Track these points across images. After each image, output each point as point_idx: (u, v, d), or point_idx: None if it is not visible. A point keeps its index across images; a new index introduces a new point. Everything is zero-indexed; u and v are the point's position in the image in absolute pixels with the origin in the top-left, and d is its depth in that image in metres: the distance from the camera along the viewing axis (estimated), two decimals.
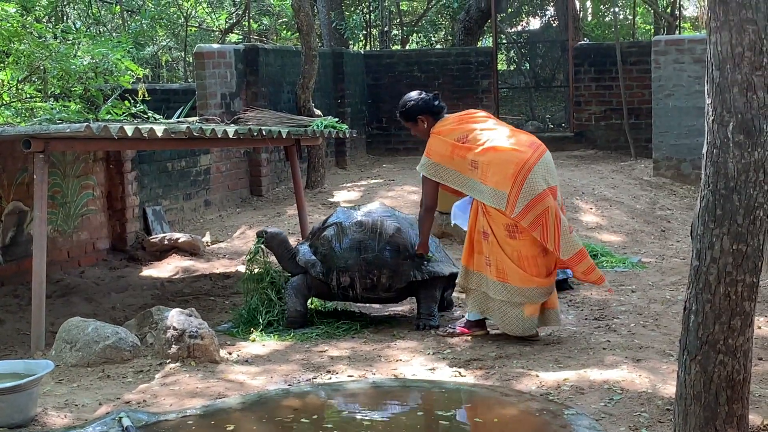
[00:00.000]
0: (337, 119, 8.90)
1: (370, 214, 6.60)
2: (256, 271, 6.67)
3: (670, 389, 4.64)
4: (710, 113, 3.68)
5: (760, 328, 5.90)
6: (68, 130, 5.98)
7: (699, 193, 3.76)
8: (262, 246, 6.68)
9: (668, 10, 19.96)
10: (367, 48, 20.10)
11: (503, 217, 5.75)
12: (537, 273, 5.79)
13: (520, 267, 5.77)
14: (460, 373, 5.31)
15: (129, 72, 9.58)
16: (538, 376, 5.16)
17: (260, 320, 6.40)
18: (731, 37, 3.59)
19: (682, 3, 20.98)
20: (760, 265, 3.71)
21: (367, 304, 6.92)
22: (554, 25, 17.08)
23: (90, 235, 8.67)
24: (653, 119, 12.53)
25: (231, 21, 19.23)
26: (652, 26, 22.39)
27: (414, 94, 6.30)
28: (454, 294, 7.03)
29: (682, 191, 11.88)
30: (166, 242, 8.95)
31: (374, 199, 10.00)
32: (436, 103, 6.25)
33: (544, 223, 5.72)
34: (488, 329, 6.12)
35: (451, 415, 4.83)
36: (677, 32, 19.47)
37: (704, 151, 3.72)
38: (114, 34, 15.17)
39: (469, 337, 6.04)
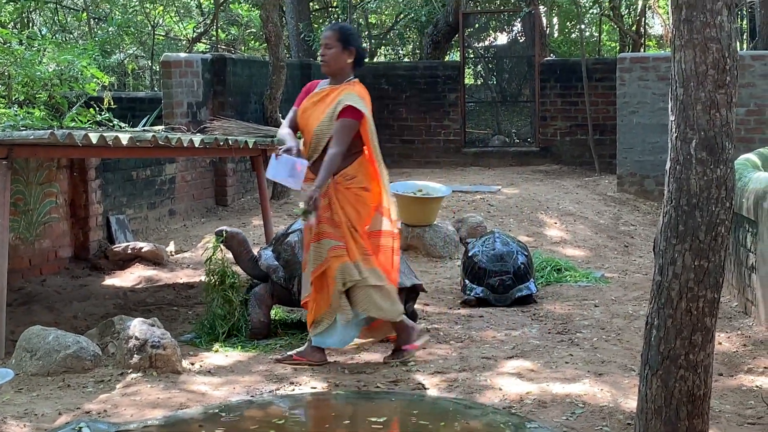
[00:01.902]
0: None
1: None
2: (215, 272, 6.60)
3: (631, 403, 4.67)
4: (674, 130, 3.72)
5: (720, 343, 5.95)
6: (32, 137, 5.92)
7: (662, 209, 3.80)
8: (222, 246, 6.64)
9: (634, 28, 20.15)
10: None
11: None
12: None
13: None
14: (423, 385, 5.31)
15: (95, 79, 9.53)
16: (501, 389, 5.17)
17: (224, 327, 6.36)
18: (695, 56, 3.64)
19: (647, 21, 21.20)
20: (721, 281, 3.75)
21: None
22: (521, 40, 17.19)
23: (52, 243, 8.59)
24: (618, 135, 12.64)
25: (199, 30, 19.18)
26: (617, 44, 22.57)
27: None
28: (417, 306, 7.03)
29: (646, 207, 11.98)
30: (129, 251, 8.88)
31: None
32: (365, 59, 6.02)
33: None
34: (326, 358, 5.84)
35: (413, 427, 4.82)
36: (642, 50, 19.67)
37: (667, 167, 3.76)
38: (80, 42, 15.07)
39: (423, 350, 6.02)
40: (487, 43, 18.24)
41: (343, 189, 5.65)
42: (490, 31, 18.30)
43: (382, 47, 22.05)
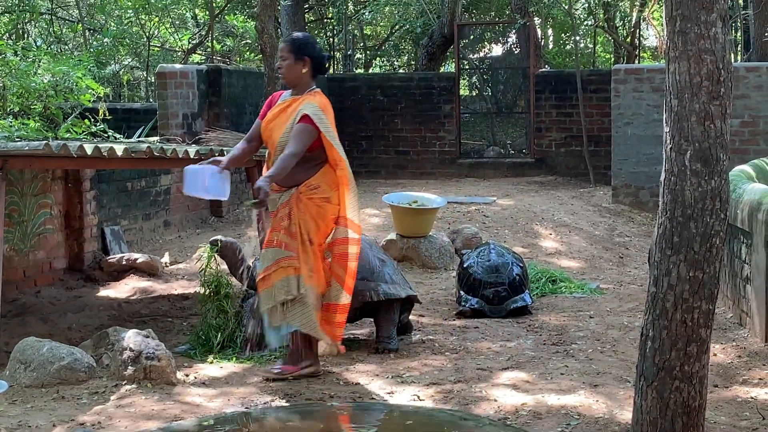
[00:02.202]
0: None
1: None
2: (209, 282, 6.59)
3: (626, 415, 4.66)
4: (668, 141, 3.72)
5: (715, 355, 5.95)
6: (27, 148, 5.92)
7: (657, 221, 3.80)
8: (216, 255, 6.63)
9: (628, 39, 20.20)
10: (331, 71, 20.13)
11: None
12: None
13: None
14: (418, 396, 5.30)
15: (90, 90, 9.52)
16: (496, 400, 5.16)
17: (218, 338, 6.35)
18: (690, 67, 3.65)
19: (642, 33, 21.26)
20: (716, 292, 3.75)
21: None
22: (516, 52, 17.22)
23: (47, 255, 8.57)
24: (612, 147, 12.66)
25: (194, 41, 19.19)
26: (612, 55, 22.64)
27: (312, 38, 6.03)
28: (412, 317, 7.03)
29: (640, 218, 11.99)
30: (124, 262, 8.87)
31: None
32: (326, 65, 5.92)
33: None
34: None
35: None
36: (637, 61, 19.71)
37: (662, 179, 3.77)
38: (75, 53, 15.07)
39: (419, 362, 6.02)
40: (482, 54, 18.27)
41: (305, 200, 5.59)
42: (485, 43, 18.33)
43: (378, 58, 22.09)
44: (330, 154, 5.66)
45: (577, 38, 19.80)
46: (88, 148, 6.07)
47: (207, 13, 18.51)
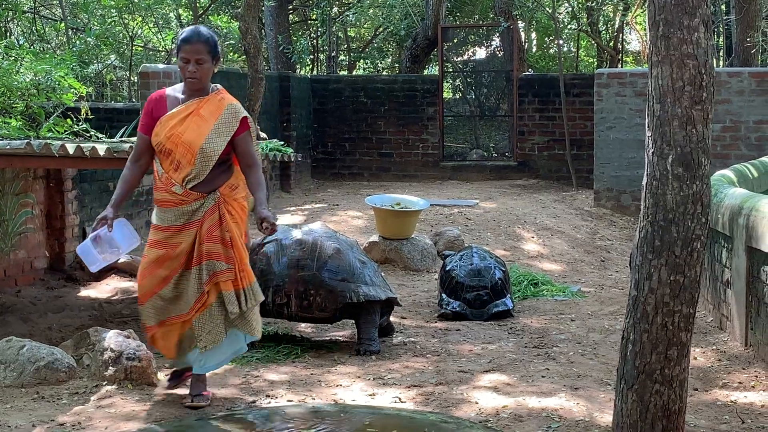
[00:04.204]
0: (282, 143, 8.88)
1: (311, 233, 6.60)
2: None
3: (607, 418, 4.68)
4: (650, 146, 3.74)
5: (696, 358, 5.98)
6: (8, 147, 5.89)
7: (638, 224, 3.82)
8: None
9: (611, 43, 20.29)
10: (314, 72, 20.14)
11: None
12: None
13: None
14: (400, 399, 5.30)
15: (72, 90, 9.47)
16: (477, 402, 5.17)
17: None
18: (672, 72, 3.67)
19: (624, 37, 21.35)
20: (696, 296, 3.77)
21: (302, 323, 6.90)
22: (500, 55, 17.26)
23: (28, 254, 8.53)
24: (595, 151, 12.70)
25: (177, 42, 19.13)
26: (595, 59, 22.73)
27: None
28: (394, 319, 7.03)
29: (622, 222, 12.04)
30: None
31: None
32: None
33: None
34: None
35: None
36: (620, 65, 19.80)
37: (644, 182, 3.78)
38: (58, 52, 15.01)
39: (400, 364, 6.02)
40: (465, 57, 18.32)
41: (231, 201, 5.21)
42: (469, 46, 18.38)
43: (361, 60, 22.09)
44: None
45: (561, 42, 19.87)
46: (70, 148, 6.05)
47: (191, 13, 18.46)
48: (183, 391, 5.43)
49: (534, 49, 24.00)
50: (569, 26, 21.40)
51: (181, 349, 5.28)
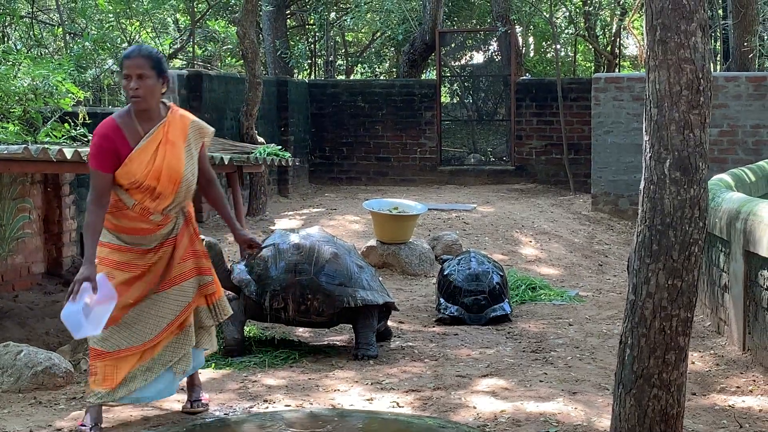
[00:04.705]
0: (280, 147, 8.90)
1: (309, 238, 6.59)
2: None
3: (605, 422, 4.67)
4: (648, 150, 3.74)
5: (693, 363, 5.98)
6: (6, 152, 5.88)
7: (636, 229, 3.82)
8: None
9: (608, 48, 20.31)
10: (312, 77, 20.14)
11: None
12: None
13: None
14: (397, 403, 5.30)
15: (70, 94, 9.46)
16: (475, 407, 5.17)
17: None
18: (669, 76, 3.67)
19: (622, 42, 21.37)
20: (694, 300, 3.77)
21: (300, 328, 6.89)
22: (497, 60, 17.28)
23: (25, 259, 8.52)
24: (592, 155, 12.71)
25: (175, 46, 19.14)
26: (592, 64, 22.74)
27: None
28: (391, 323, 7.02)
29: (620, 226, 12.04)
30: None
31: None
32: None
33: None
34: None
35: None
36: (617, 70, 19.81)
37: (641, 187, 3.78)
38: (56, 57, 15.01)
39: (398, 368, 6.01)
40: (463, 61, 18.34)
41: (191, 215, 5.10)
42: (467, 50, 18.39)
43: (359, 65, 22.10)
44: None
45: (558, 46, 19.89)
46: (68, 153, 6.04)
47: (188, 18, 18.48)
48: (181, 396, 5.43)
49: (531, 54, 24.01)
50: (567, 31, 21.40)
51: (126, 380, 4.85)
